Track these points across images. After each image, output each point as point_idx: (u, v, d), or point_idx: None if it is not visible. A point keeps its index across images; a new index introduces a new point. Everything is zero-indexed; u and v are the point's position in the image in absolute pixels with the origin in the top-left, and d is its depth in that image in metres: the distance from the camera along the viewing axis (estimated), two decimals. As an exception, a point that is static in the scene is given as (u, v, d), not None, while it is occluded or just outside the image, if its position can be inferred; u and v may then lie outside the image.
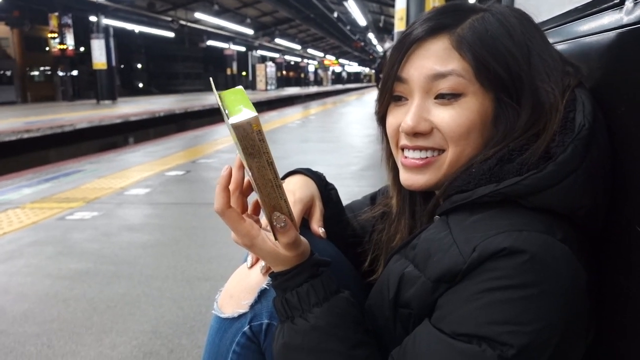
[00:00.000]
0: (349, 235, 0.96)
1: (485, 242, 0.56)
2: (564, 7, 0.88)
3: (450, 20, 0.67)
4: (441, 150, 0.69)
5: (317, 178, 0.93)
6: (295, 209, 0.81)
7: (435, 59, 0.67)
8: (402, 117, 0.70)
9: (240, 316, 0.75)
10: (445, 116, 0.67)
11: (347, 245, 0.93)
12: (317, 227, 0.85)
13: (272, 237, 0.66)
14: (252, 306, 0.74)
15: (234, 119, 0.54)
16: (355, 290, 0.72)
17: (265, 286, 0.74)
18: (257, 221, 0.69)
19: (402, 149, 0.72)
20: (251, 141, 0.56)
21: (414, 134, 0.68)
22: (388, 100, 0.73)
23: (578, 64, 0.69)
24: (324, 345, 0.64)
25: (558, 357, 0.55)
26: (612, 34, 0.66)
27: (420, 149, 0.69)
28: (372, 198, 1.02)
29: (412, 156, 0.70)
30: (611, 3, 0.67)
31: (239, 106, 0.56)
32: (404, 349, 0.61)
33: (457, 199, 0.64)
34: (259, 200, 0.64)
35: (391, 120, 0.73)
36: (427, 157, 0.69)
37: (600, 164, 0.61)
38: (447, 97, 0.66)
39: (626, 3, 0.63)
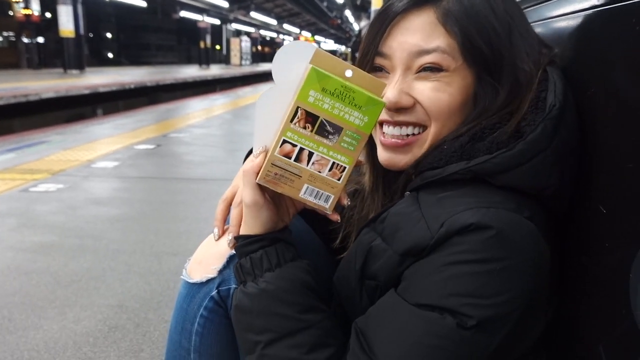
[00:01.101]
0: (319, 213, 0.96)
1: (453, 218, 0.57)
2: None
3: None
4: (423, 127, 0.68)
5: None
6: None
7: (420, 35, 0.65)
8: None
9: (209, 281, 0.75)
10: (427, 90, 0.66)
11: (318, 222, 0.93)
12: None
13: None
14: (220, 271, 0.75)
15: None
16: (321, 264, 0.72)
17: (234, 252, 0.74)
18: None
19: (381, 124, 0.70)
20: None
21: (396, 109, 0.67)
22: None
23: (551, 45, 0.69)
24: (272, 309, 0.64)
25: (517, 331, 0.56)
26: (583, 15, 0.66)
27: (402, 124, 0.68)
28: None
29: (393, 133, 0.69)
30: (586, -17, 0.67)
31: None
32: (367, 316, 0.62)
33: (428, 176, 0.64)
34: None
35: None
36: (408, 136, 0.68)
37: (569, 145, 0.61)
38: (430, 72, 0.65)
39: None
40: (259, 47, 44.36)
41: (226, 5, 26.70)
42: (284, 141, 0.62)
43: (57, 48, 19.13)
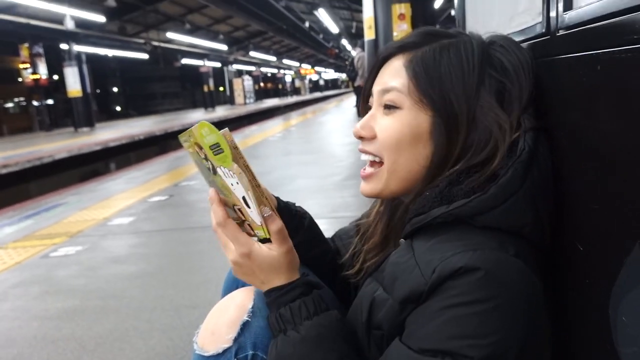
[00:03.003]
0: (330, 258, 1.00)
1: (443, 263, 0.61)
2: (504, 30, 0.93)
3: (419, 40, 0.74)
4: (380, 162, 0.76)
5: (284, 205, 0.96)
6: None
7: (387, 76, 0.75)
8: None
9: (225, 351, 0.76)
10: (382, 124, 0.75)
11: (327, 270, 0.98)
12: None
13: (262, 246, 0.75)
14: (235, 339, 0.76)
15: (221, 132, 0.69)
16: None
17: (247, 318, 0.77)
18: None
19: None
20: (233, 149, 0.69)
21: (359, 137, 0.79)
22: (366, 112, 0.82)
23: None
24: (313, 355, 0.68)
25: None
26: (545, 60, 0.70)
27: (365, 152, 0.79)
28: (357, 225, 1.05)
29: (364, 166, 0.80)
30: (540, 33, 0.71)
31: (207, 133, 0.69)
32: None
33: (415, 222, 0.69)
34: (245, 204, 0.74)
35: None
36: (370, 171, 0.78)
37: (541, 184, 0.65)
38: (388, 108, 0.74)
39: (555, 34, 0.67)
40: (262, 84, 45.07)
41: (225, 48, 27.33)
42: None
43: (67, 108, 19.65)
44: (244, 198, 0.72)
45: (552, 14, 0.66)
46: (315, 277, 0.93)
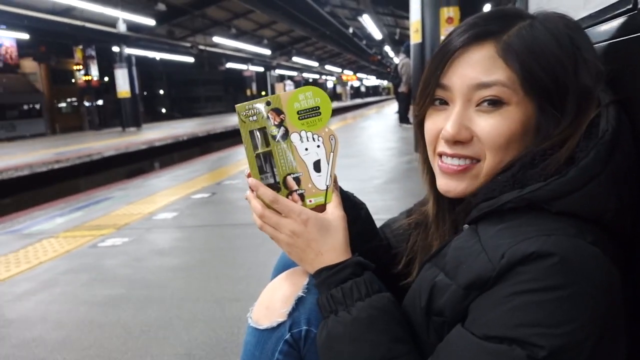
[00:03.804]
0: (382, 253, 0.97)
1: (513, 248, 0.57)
2: (577, 13, 0.89)
3: (496, 26, 0.67)
4: (478, 160, 0.69)
5: (344, 194, 0.94)
6: None
7: (480, 68, 0.66)
8: (441, 123, 0.71)
9: (280, 325, 0.76)
10: (486, 125, 0.67)
11: (380, 264, 0.95)
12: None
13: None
14: (290, 314, 0.75)
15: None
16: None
17: (302, 293, 0.76)
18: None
19: (440, 155, 0.72)
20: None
21: (454, 141, 0.69)
22: (428, 104, 0.74)
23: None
24: (365, 336, 0.66)
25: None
26: (629, 38, 0.66)
27: (459, 157, 0.70)
28: (408, 212, 1.02)
29: (450, 163, 0.71)
30: (624, 9, 0.67)
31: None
32: (437, 356, 0.62)
33: (483, 207, 0.65)
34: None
35: (430, 126, 0.74)
36: (465, 164, 0.70)
37: (625, 168, 0.61)
38: (490, 105, 0.66)
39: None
40: (303, 90, 45.30)
41: (269, 52, 27.71)
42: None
43: (115, 108, 20.39)
44: (315, 163, 0.75)
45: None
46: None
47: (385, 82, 63.22)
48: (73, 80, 25.28)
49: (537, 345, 0.53)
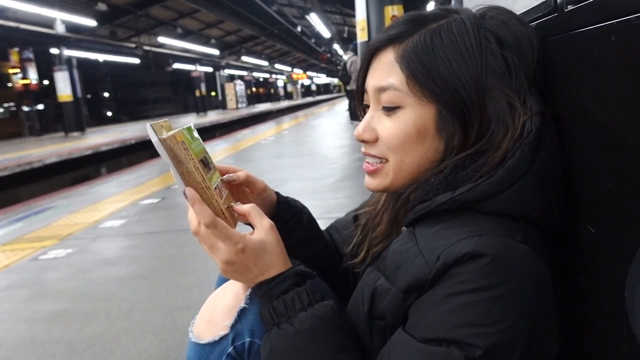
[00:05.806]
0: (329, 254, 0.97)
1: (448, 250, 0.58)
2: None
3: (403, 30, 0.69)
4: (385, 159, 0.72)
5: (284, 201, 0.94)
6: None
7: (381, 72, 0.70)
8: None
9: (222, 338, 0.74)
10: (383, 127, 0.71)
11: (328, 265, 0.95)
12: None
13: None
14: (232, 326, 0.74)
15: (161, 136, 0.67)
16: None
17: (244, 305, 0.75)
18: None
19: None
20: (177, 151, 0.68)
21: (361, 141, 0.74)
22: (363, 109, 0.77)
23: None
24: (308, 347, 0.65)
25: (531, 356, 0.56)
26: (553, 39, 0.68)
27: (371, 156, 0.74)
28: (355, 212, 1.02)
29: (367, 162, 0.76)
30: (546, 11, 0.69)
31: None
32: (381, 357, 0.62)
33: (419, 209, 0.66)
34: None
35: None
36: (376, 165, 0.74)
37: (550, 167, 0.63)
38: (388, 109, 0.70)
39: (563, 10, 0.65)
40: (254, 89, 45.05)
41: (217, 52, 27.28)
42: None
43: (57, 113, 19.52)
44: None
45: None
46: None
47: (335, 80, 63.67)
48: (10, 84, 24.00)
49: (473, 345, 0.54)
